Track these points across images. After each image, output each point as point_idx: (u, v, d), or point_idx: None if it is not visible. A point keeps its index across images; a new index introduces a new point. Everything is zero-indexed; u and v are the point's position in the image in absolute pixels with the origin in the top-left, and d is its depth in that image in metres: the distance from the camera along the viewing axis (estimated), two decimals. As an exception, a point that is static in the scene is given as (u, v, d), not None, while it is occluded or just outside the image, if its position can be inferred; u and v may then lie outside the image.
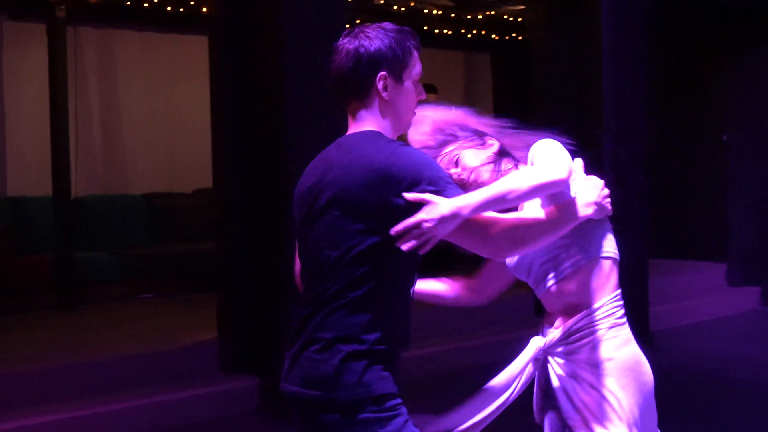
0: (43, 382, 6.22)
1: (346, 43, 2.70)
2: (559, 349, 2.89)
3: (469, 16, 10.60)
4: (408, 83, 2.71)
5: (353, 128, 2.73)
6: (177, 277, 9.33)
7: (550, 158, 2.70)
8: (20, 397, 6.03)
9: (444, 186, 2.52)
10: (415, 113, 2.80)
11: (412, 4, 9.95)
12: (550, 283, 2.89)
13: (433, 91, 9.57)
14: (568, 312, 2.89)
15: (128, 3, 8.79)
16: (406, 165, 2.55)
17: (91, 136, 10.29)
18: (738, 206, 10.81)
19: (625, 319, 2.91)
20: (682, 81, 11.03)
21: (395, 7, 9.89)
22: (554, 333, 2.89)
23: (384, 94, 2.68)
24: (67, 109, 8.52)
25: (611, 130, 8.45)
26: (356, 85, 2.69)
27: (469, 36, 11.19)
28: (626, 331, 2.91)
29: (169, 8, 9.01)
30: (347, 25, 9.77)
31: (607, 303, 2.88)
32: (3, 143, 9.66)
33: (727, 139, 10.87)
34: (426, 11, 10.10)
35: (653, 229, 9.68)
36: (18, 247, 9.07)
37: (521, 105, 9.87)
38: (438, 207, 2.43)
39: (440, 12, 10.30)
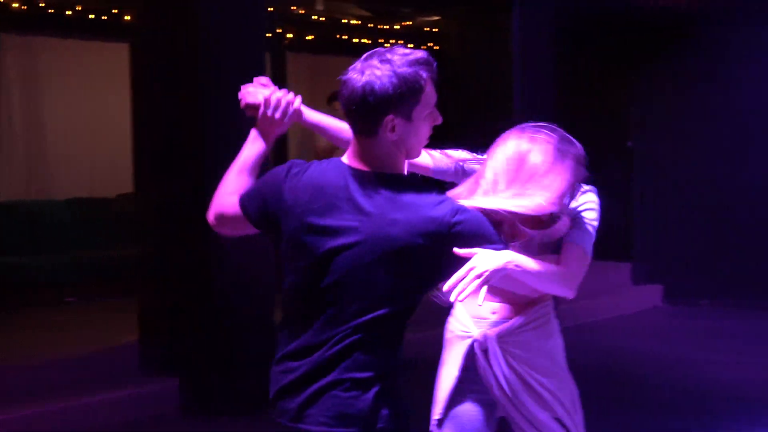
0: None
1: (354, 79, 2.46)
2: (512, 337, 2.90)
3: (386, 26, 10.58)
4: (418, 121, 2.51)
5: (359, 157, 2.52)
6: (100, 281, 9.16)
7: (575, 272, 2.79)
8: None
9: (499, 244, 2.47)
10: (427, 141, 2.60)
11: (329, 14, 9.90)
12: None
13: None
14: (520, 301, 2.89)
15: (51, 10, 8.60)
16: (473, 225, 2.46)
17: (14, 142, 10.05)
18: (641, 209, 10.96)
19: None
20: (589, 91, 11.11)
21: (314, 17, 9.84)
22: (511, 321, 2.91)
23: (391, 135, 2.48)
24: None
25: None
26: (363, 124, 2.50)
27: (386, 45, 11.17)
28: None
29: (91, 16, 8.85)
30: (268, 34, 9.77)
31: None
32: None
33: (632, 145, 11.01)
34: (344, 21, 10.06)
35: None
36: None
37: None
38: (488, 260, 2.38)
39: (359, 22, 10.27)
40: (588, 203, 2.91)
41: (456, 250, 2.38)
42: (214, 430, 6.12)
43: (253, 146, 2.79)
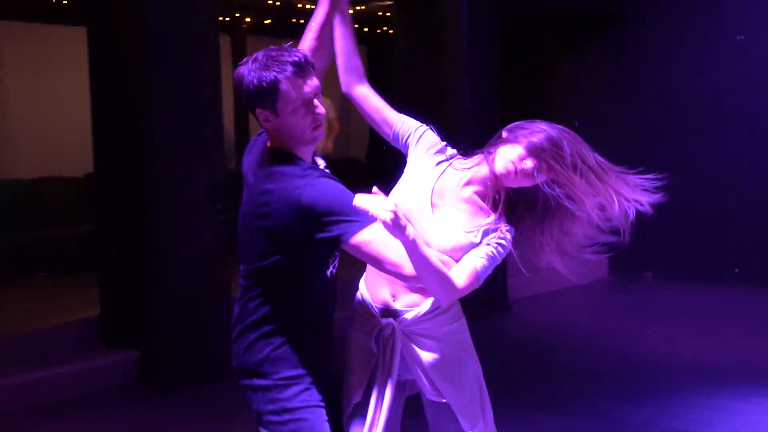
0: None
1: (236, 72, 2.66)
2: (417, 325, 2.79)
3: (341, 11, 10.50)
4: (285, 114, 2.61)
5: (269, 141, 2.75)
6: (64, 257, 9.07)
7: (462, 288, 2.67)
8: None
9: (358, 216, 2.50)
10: (316, 127, 2.66)
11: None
12: None
13: None
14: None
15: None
16: (325, 201, 2.55)
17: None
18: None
19: None
20: (529, 74, 11.14)
21: (270, 2, 9.74)
22: (419, 309, 2.78)
23: (266, 124, 2.67)
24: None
25: (467, 115, 8.51)
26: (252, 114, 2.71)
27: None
28: None
29: (52, 0, 8.73)
30: (220, 17, 9.65)
31: None
32: None
33: (579, 125, 11.04)
34: (300, 5, 9.97)
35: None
36: None
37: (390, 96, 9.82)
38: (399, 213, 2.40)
39: (313, 6, 10.17)
40: (506, 238, 2.81)
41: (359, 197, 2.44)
42: (171, 402, 6.08)
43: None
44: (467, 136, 8.46)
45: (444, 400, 2.80)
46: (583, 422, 5.40)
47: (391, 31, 11.16)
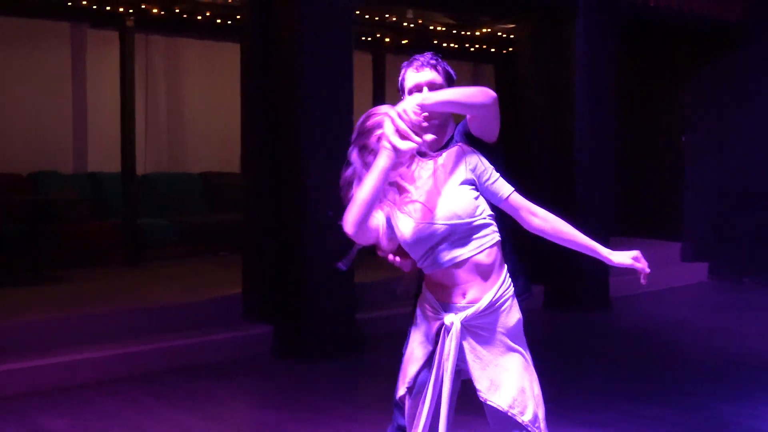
0: (109, 323, 6.21)
1: None
2: (477, 320, 2.57)
3: (468, 33, 10.35)
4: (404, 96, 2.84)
5: None
6: (221, 240, 9.27)
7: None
8: (86, 334, 6.02)
9: None
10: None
11: (420, 21, 9.72)
12: (465, 257, 2.55)
13: None
14: (477, 284, 2.56)
15: (185, 15, 8.67)
16: None
17: (159, 126, 10.23)
18: (691, 196, 10.59)
19: None
20: (648, 92, 10.77)
21: (405, 24, 9.68)
22: (477, 305, 2.55)
23: None
24: (133, 103, 8.47)
25: (583, 132, 8.28)
26: None
27: (472, 50, 10.94)
28: None
29: (218, 20, 8.93)
30: (363, 37, 9.64)
31: (507, 274, 2.66)
32: (86, 129, 9.61)
33: (686, 139, 10.60)
34: (432, 27, 9.88)
35: (622, 213, 9.56)
36: (95, 213, 9.06)
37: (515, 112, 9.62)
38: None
39: (444, 28, 10.07)
40: (469, 150, 2.67)
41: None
42: (300, 370, 6.10)
43: None
44: (582, 152, 8.25)
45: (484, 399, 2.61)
46: (672, 413, 5.10)
47: (515, 52, 10.94)
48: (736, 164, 10.21)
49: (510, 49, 11.02)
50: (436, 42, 10.27)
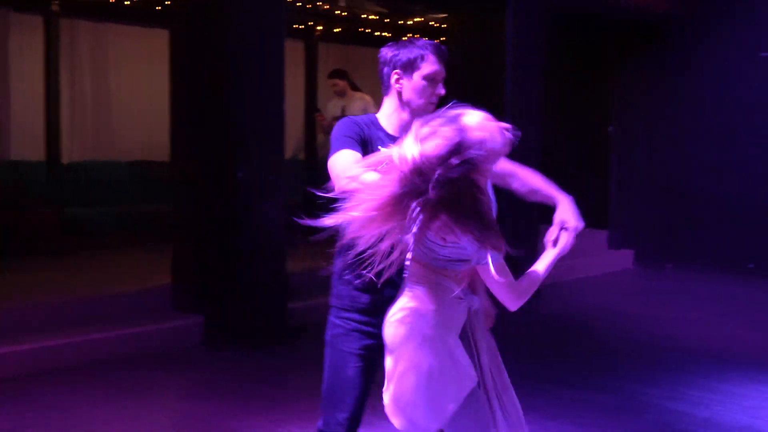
0: (34, 315, 6.06)
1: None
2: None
3: (401, 22, 10.35)
4: (418, 80, 2.80)
5: None
6: (151, 230, 9.11)
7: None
8: (10, 327, 5.84)
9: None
10: (428, 102, 2.82)
11: (352, 10, 9.67)
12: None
13: (338, 76, 9.07)
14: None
15: (112, 1, 8.49)
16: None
17: (85, 113, 9.99)
18: (617, 184, 10.80)
19: None
20: (575, 83, 10.92)
21: (337, 12, 9.63)
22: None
23: (397, 87, 2.82)
24: (59, 90, 8.26)
25: (512, 121, 8.33)
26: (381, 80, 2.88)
27: (405, 39, 10.94)
28: None
29: (145, 6, 8.75)
30: (295, 25, 9.57)
31: None
32: (9, 116, 9.34)
33: (612, 129, 10.79)
34: (364, 16, 9.85)
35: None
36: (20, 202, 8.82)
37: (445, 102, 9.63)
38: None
39: (376, 17, 10.04)
40: None
41: None
42: (230, 360, 6.05)
43: None
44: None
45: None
46: (596, 396, 5.21)
47: (445, 41, 10.98)
48: (661, 154, 10.44)
49: (442, 38, 11.07)
50: (368, 31, 10.26)
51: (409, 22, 10.35)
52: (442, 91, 2.85)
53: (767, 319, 7.63)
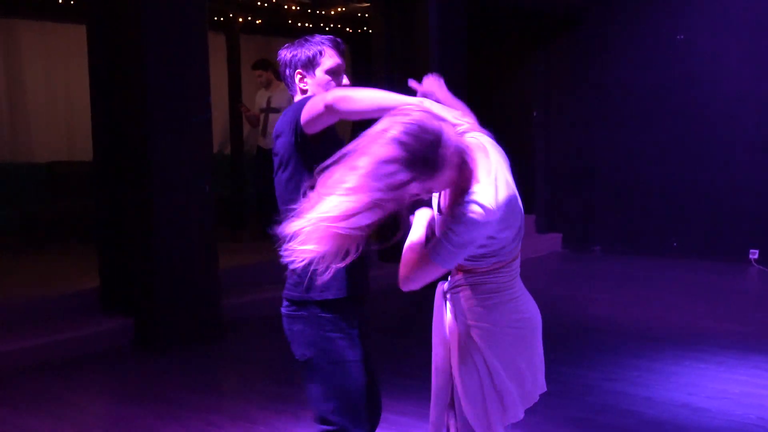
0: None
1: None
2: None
3: (323, 12, 10.21)
4: (321, 75, 2.84)
5: None
6: (72, 231, 8.83)
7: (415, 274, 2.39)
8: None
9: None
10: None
11: (273, 0, 9.48)
12: None
13: (262, 67, 9.03)
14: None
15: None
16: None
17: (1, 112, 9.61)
18: (543, 169, 10.88)
19: None
20: (499, 69, 10.95)
21: (259, 3, 9.42)
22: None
23: (302, 86, 2.86)
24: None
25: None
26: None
27: (327, 30, 10.79)
28: None
29: (60, 1, 8.42)
30: (215, 17, 9.34)
31: None
32: None
33: (536, 114, 10.85)
34: (286, 6, 9.66)
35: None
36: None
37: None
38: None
39: (298, 8, 9.87)
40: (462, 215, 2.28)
41: None
42: (160, 362, 5.86)
43: None
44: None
45: None
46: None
47: (370, 31, 10.87)
48: (585, 138, 10.54)
49: (365, 28, 10.97)
50: (291, 21, 10.08)
51: (332, 12, 10.22)
52: (347, 83, 2.88)
53: (693, 297, 7.75)
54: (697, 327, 6.52)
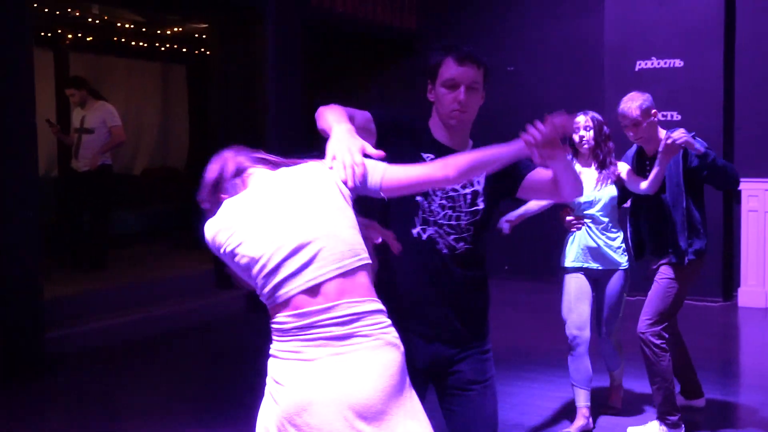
0: None
1: None
2: None
3: (159, 31, 9.93)
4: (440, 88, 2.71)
5: None
6: None
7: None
8: None
9: None
10: (451, 110, 2.70)
11: (105, 17, 9.13)
12: None
13: (74, 86, 8.32)
14: None
15: None
16: None
17: None
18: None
19: None
20: (342, 90, 11.00)
21: (90, 20, 9.05)
22: None
23: (429, 96, 2.80)
24: None
25: (273, 130, 8.24)
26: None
27: (163, 49, 10.51)
28: None
29: None
30: (42, 33, 8.90)
31: None
32: None
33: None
34: (119, 24, 9.33)
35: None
36: None
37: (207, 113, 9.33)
38: None
39: (132, 26, 9.56)
40: None
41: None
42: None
43: None
44: (274, 148, 8.14)
45: None
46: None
47: (208, 52, 10.68)
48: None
49: (203, 49, 10.77)
50: (124, 40, 9.74)
51: (167, 32, 9.95)
52: (462, 98, 2.67)
53: (523, 317, 7.97)
54: (529, 345, 6.69)
